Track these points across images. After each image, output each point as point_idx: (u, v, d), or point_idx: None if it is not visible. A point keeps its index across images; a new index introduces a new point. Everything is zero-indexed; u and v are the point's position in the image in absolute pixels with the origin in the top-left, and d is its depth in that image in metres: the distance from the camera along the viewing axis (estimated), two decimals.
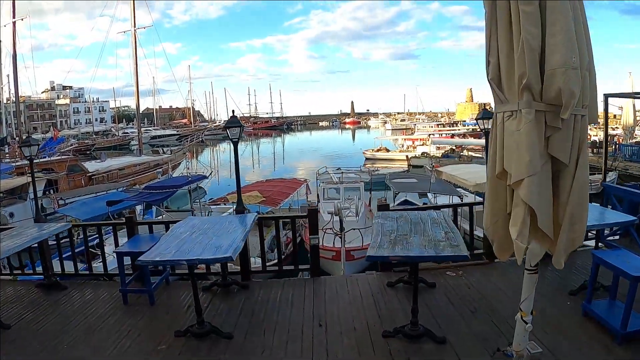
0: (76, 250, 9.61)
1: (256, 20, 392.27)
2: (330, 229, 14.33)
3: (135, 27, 42.93)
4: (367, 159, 49.85)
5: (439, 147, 46.23)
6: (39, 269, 8.81)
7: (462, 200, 17.34)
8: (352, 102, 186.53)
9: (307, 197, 21.19)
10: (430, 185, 18.26)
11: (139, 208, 20.68)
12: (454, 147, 45.88)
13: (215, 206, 19.81)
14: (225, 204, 19.16)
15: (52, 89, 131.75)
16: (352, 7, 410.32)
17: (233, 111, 8.54)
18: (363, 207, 18.26)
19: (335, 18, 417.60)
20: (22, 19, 40.93)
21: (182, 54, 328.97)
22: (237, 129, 7.91)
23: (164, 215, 18.94)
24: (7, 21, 40.53)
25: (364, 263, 13.91)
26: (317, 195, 21.50)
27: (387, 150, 52.22)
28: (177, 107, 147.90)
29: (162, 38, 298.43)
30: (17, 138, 44.24)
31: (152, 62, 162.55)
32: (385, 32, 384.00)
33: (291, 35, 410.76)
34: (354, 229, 14.23)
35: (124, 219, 8.65)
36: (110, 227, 19.57)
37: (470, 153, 43.69)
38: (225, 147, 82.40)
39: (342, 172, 22.35)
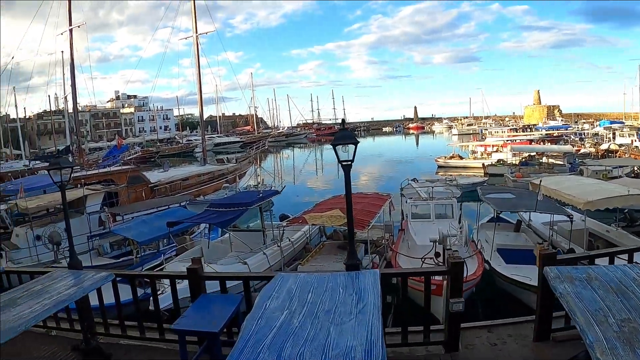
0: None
1: (316, 28, 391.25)
2: (431, 258, 11.94)
3: (197, 33, 41.60)
4: (439, 166, 47.11)
5: (515, 154, 42.92)
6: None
7: (571, 221, 14.56)
8: (415, 107, 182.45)
9: (390, 214, 18.73)
10: (537, 203, 15.54)
11: (202, 225, 18.84)
12: (533, 154, 42.51)
13: (289, 228, 17.58)
14: (301, 225, 16.94)
15: (117, 98, 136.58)
16: (411, 11, 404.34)
17: (343, 120, 6.32)
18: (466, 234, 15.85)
19: (394, 23, 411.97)
20: (78, 26, 39.43)
21: (244, 62, 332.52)
22: (352, 146, 5.55)
23: (231, 235, 16.88)
24: (64, 29, 39.38)
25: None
26: (402, 212, 19.30)
27: (461, 158, 49.26)
28: (240, 115, 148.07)
29: (224, 47, 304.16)
30: (74, 146, 43.51)
31: (215, 70, 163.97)
32: (446, 35, 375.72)
33: (351, 41, 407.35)
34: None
35: (185, 270, 6.32)
36: (170, 246, 18.78)
37: (550, 160, 40.33)
38: (289, 154, 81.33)
39: (432, 187, 19.75)
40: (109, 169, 33.24)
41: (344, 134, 6.04)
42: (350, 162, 6.19)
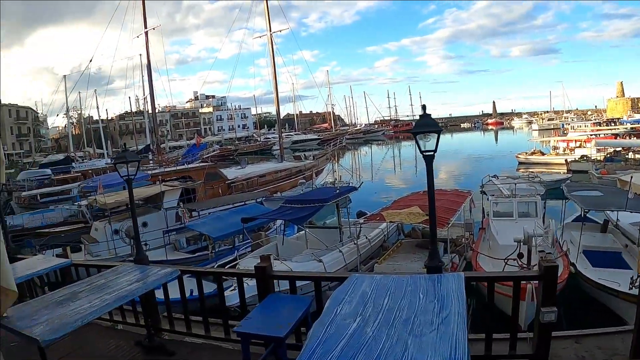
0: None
1: (390, 24, 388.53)
2: (514, 259, 11.17)
3: (270, 31, 41.71)
4: (520, 163, 45.31)
5: (599, 149, 40.56)
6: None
7: None
8: (494, 102, 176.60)
9: (470, 212, 17.89)
10: (628, 201, 14.35)
11: (278, 221, 18.63)
12: (619, 149, 40.13)
13: (365, 225, 17.08)
14: (379, 222, 16.41)
15: (196, 98, 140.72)
16: (486, 4, 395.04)
17: (424, 107, 5.70)
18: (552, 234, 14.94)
19: (470, 16, 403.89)
20: (153, 29, 40.52)
21: (320, 61, 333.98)
22: (434, 134, 5.00)
23: (307, 231, 16.54)
24: (140, 32, 40.57)
25: None
26: (483, 210, 18.37)
27: (542, 154, 47.19)
28: (317, 112, 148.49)
29: (299, 46, 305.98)
30: (154, 145, 44.73)
31: (291, 69, 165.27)
32: (523, 27, 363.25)
33: (426, 37, 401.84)
34: None
35: (253, 268, 5.93)
36: (245, 242, 18.68)
37: (637, 155, 37.89)
38: (366, 151, 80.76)
39: (514, 183, 18.66)
40: (187, 166, 33.69)
41: (425, 122, 5.45)
42: (432, 153, 5.62)
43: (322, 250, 14.92)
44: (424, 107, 5.75)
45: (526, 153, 47.67)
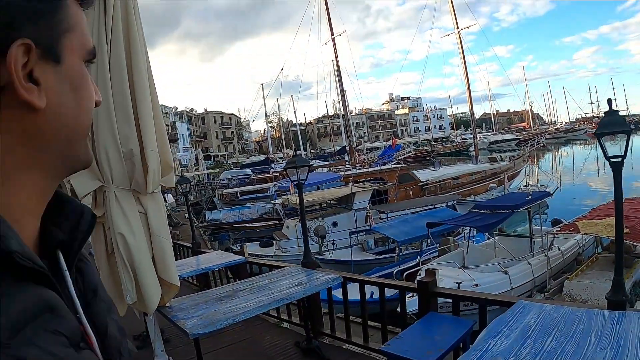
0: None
1: (587, 10, 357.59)
2: None
3: (458, 28, 41.13)
4: None
5: None
6: None
7: None
8: None
9: None
10: None
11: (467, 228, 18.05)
12: None
13: (560, 235, 15.80)
14: (573, 233, 15.09)
15: (391, 100, 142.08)
16: None
17: (610, 101, 4.96)
18: None
19: None
20: (339, 35, 41.69)
21: (515, 56, 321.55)
22: (623, 136, 4.41)
23: (495, 239, 15.73)
24: (328, 39, 42.28)
25: None
26: None
27: None
28: (514, 111, 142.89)
29: (492, 42, 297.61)
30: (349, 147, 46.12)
31: (485, 67, 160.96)
32: None
33: (628, 21, 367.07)
34: None
35: (415, 282, 5.67)
36: (432, 247, 18.21)
37: None
38: (568, 151, 76.01)
39: None
40: (379, 167, 33.90)
41: (611, 120, 4.76)
42: (621, 159, 4.92)
43: (510, 260, 14.06)
44: (609, 102, 5.05)
45: None
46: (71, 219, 0.84)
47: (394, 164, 36.46)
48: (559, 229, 16.01)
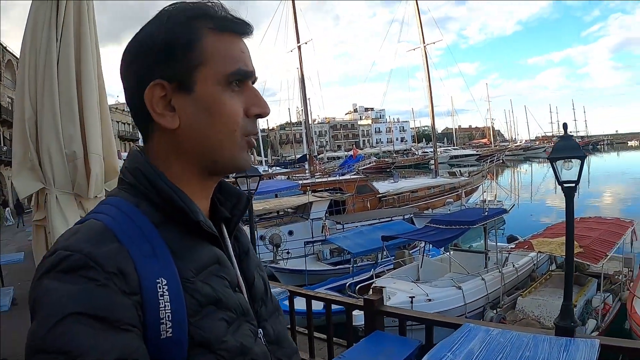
0: None
1: (553, 33, 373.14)
2: None
3: (424, 43, 42.19)
4: None
5: None
6: None
7: None
8: None
9: (631, 245, 15.96)
10: None
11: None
12: None
13: (514, 252, 15.92)
14: (528, 251, 15.21)
15: (355, 110, 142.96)
16: None
17: (565, 125, 5.10)
18: None
19: (637, 20, 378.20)
20: (306, 43, 42.47)
21: (480, 73, 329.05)
22: (576, 161, 4.41)
23: (451, 254, 15.82)
24: (293, 46, 43.19)
25: None
26: None
27: None
28: (476, 127, 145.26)
29: (458, 58, 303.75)
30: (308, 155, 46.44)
31: (449, 83, 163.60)
32: None
33: (590, 46, 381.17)
34: None
35: (362, 299, 5.59)
36: (387, 260, 18.21)
37: None
38: (527, 169, 77.29)
39: None
40: (338, 177, 33.86)
41: (566, 144, 4.80)
42: (574, 184, 4.93)
43: (464, 275, 14.11)
44: (565, 127, 5.10)
45: None
46: (232, 201, 1.14)
47: (354, 175, 36.55)
48: (514, 245, 16.17)
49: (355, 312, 6.00)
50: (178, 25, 0.95)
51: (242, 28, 1.00)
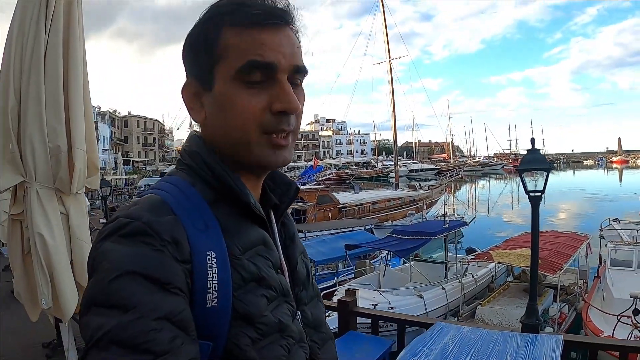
0: None
1: (515, 53, 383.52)
2: (629, 317, 9.98)
3: (390, 57, 42.59)
4: None
5: None
6: None
7: None
8: (620, 139, 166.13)
9: (586, 258, 16.42)
10: None
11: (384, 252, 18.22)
12: None
13: (474, 263, 16.23)
14: (486, 262, 15.51)
15: (316, 121, 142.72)
16: (615, 32, 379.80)
17: (533, 140, 5.25)
18: None
19: (596, 45, 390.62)
20: None
21: (442, 90, 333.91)
22: (543, 173, 4.56)
23: (412, 264, 16.03)
24: None
25: None
26: (600, 257, 16.32)
27: None
28: (436, 142, 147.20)
29: (422, 74, 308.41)
30: None
31: (412, 97, 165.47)
32: None
33: (551, 67, 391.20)
34: None
35: (336, 301, 5.69)
36: (348, 269, 18.26)
37: None
38: (484, 184, 78.60)
39: (637, 229, 16.80)
40: (300, 187, 33.80)
41: (533, 157, 4.99)
42: (540, 194, 5.12)
43: (425, 285, 14.33)
44: (532, 141, 5.30)
45: None
46: (282, 189, 1.21)
47: (314, 185, 36.60)
48: (473, 257, 16.49)
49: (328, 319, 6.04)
50: (201, 24, 1.03)
51: (265, 17, 0.98)
